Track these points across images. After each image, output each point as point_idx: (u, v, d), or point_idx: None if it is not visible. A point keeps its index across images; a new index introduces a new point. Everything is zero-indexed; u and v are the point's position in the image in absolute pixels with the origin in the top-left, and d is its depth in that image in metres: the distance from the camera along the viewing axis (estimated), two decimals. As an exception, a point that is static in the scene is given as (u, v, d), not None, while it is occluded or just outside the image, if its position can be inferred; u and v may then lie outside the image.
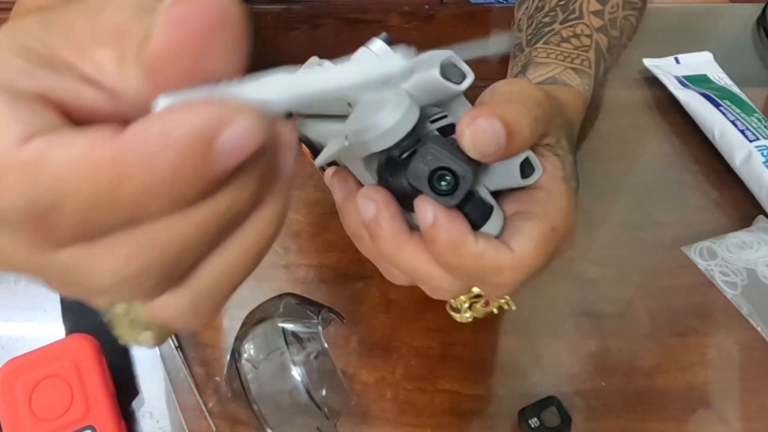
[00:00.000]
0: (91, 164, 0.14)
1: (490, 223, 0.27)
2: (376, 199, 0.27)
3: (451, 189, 0.25)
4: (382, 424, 0.41)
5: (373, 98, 0.25)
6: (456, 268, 0.27)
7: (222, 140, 0.14)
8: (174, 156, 0.14)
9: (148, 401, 0.41)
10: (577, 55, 0.44)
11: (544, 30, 0.47)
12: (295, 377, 0.35)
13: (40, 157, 0.14)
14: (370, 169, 0.29)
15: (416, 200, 0.26)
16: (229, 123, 0.15)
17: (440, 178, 0.25)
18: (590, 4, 0.47)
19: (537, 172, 0.29)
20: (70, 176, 0.14)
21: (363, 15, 0.67)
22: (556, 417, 0.40)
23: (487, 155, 0.25)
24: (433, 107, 0.27)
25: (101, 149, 0.14)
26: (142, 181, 0.14)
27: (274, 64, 0.19)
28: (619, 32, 0.48)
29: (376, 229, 0.27)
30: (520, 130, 0.26)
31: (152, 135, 0.14)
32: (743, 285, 0.47)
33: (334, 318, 0.41)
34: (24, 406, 0.37)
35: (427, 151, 0.24)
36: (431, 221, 0.25)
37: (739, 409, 0.41)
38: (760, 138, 0.52)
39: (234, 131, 0.14)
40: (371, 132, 0.24)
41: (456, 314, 0.37)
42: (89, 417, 0.37)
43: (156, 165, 0.14)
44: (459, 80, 0.24)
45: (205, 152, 0.14)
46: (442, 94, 0.25)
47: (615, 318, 0.45)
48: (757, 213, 0.51)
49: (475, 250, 0.26)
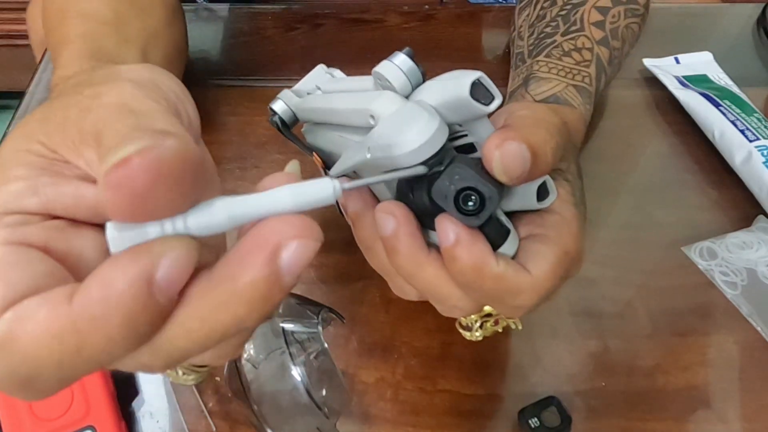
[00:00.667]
0: (55, 334, 0.16)
1: (506, 245, 0.27)
2: (396, 214, 0.27)
3: (477, 209, 0.25)
4: (382, 424, 0.41)
5: (401, 113, 0.25)
6: (475, 288, 0.27)
7: (158, 277, 0.16)
8: (123, 306, 0.16)
9: (148, 401, 0.41)
10: (578, 71, 0.44)
11: (546, 41, 0.46)
12: (295, 377, 0.35)
13: (12, 334, 0.17)
14: (388, 183, 0.28)
15: (438, 218, 0.26)
16: (161, 259, 0.16)
17: (466, 198, 0.24)
18: (591, 14, 0.47)
19: (552, 196, 0.29)
20: (40, 348, 0.16)
21: (363, 15, 0.67)
22: (556, 417, 0.40)
23: (513, 178, 0.25)
24: (455, 125, 0.27)
25: (61, 317, 0.16)
26: (104, 333, 0.16)
27: (275, 64, 0.20)
28: (620, 42, 0.48)
29: (395, 245, 0.27)
30: (544, 154, 0.26)
31: (99, 294, 0.16)
32: (743, 285, 0.47)
33: (334, 318, 0.41)
34: (24, 405, 0.37)
35: (454, 171, 0.24)
36: (453, 241, 0.25)
37: (739, 409, 0.41)
38: (760, 138, 0.52)
39: (166, 265, 0.16)
40: (400, 148, 0.24)
41: (466, 332, 0.37)
42: (89, 417, 0.37)
43: (110, 318, 0.16)
44: (487, 101, 0.24)
45: (148, 292, 0.16)
46: (469, 113, 0.25)
47: (615, 318, 0.45)
48: (757, 213, 0.51)
49: (496, 272, 0.26)
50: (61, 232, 0.19)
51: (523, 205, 0.29)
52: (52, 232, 0.19)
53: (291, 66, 0.61)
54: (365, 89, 0.30)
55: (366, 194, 0.30)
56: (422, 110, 0.24)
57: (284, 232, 0.17)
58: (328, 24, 0.66)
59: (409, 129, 0.24)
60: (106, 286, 0.16)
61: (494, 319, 0.36)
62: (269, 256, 0.17)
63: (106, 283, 0.16)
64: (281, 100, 0.39)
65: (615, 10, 0.48)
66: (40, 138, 0.19)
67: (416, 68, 0.26)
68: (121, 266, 0.16)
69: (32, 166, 0.19)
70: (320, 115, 0.35)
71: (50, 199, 0.19)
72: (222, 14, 0.68)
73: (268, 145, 0.55)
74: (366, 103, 0.27)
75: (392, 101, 0.26)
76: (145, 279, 0.16)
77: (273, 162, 0.54)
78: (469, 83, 0.23)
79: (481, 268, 0.26)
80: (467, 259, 0.25)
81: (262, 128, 0.56)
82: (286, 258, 0.17)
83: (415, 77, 0.26)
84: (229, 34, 0.66)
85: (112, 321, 0.16)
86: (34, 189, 0.19)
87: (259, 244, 0.17)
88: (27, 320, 0.17)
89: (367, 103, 0.26)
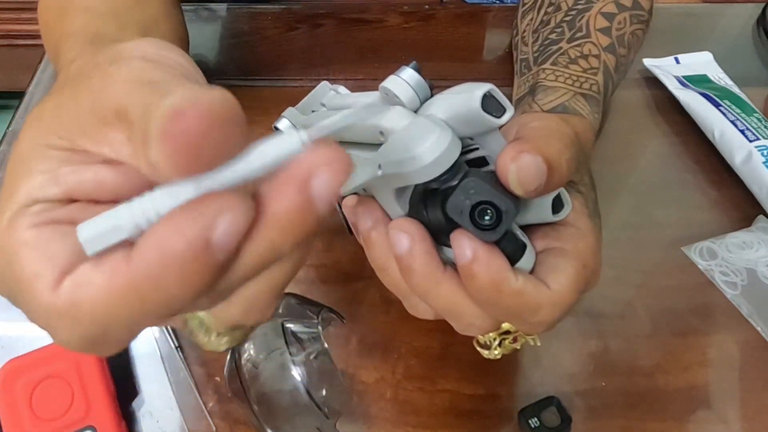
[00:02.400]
0: (116, 295, 0.17)
1: (524, 259, 0.27)
2: (410, 232, 0.26)
3: (494, 224, 0.24)
4: (382, 424, 0.41)
5: (411, 128, 0.24)
6: (494, 305, 0.26)
7: (216, 237, 0.16)
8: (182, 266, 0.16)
9: (148, 401, 0.41)
10: (585, 79, 0.43)
11: (551, 48, 0.46)
12: (295, 377, 0.35)
13: (75, 300, 0.17)
14: (400, 199, 0.28)
15: (453, 234, 0.25)
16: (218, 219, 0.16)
17: (482, 212, 0.24)
18: (597, 20, 0.46)
19: (566, 208, 0.29)
20: (104, 309, 0.17)
21: (363, 15, 0.67)
22: (556, 417, 0.40)
23: (529, 191, 0.24)
24: (465, 138, 0.26)
25: (120, 279, 0.17)
26: (164, 291, 0.17)
27: (275, 64, 0.20)
28: (626, 49, 0.47)
29: (410, 264, 0.26)
30: (559, 166, 0.25)
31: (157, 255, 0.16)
32: (743, 285, 0.47)
33: (334, 318, 0.41)
34: (24, 406, 0.37)
35: (469, 185, 0.24)
36: (470, 257, 0.25)
37: (739, 409, 0.41)
38: (760, 138, 0.52)
39: (223, 225, 0.16)
40: (413, 164, 0.23)
41: (484, 351, 0.36)
42: (90, 417, 0.37)
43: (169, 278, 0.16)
44: (499, 114, 0.23)
45: (205, 251, 0.16)
46: (480, 127, 0.24)
47: (615, 318, 0.45)
48: (757, 213, 0.51)
49: (516, 288, 0.25)
50: (85, 209, 0.19)
51: (538, 218, 0.28)
52: (77, 211, 0.19)
53: (291, 66, 0.61)
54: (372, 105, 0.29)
55: (378, 212, 0.29)
56: (434, 125, 0.24)
57: (315, 160, 0.17)
58: (328, 24, 0.66)
59: (422, 144, 0.23)
60: (163, 248, 0.16)
61: (513, 336, 0.35)
62: (301, 184, 0.17)
63: (162, 245, 0.16)
64: (285, 118, 0.38)
65: (621, 16, 0.47)
66: (57, 130, 0.20)
67: (424, 82, 0.26)
68: (178, 227, 0.16)
69: (52, 159, 0.19)
70: None
71: (71, 187, 0.19)
72: (222, 14, 0.68)
73: (268, 145, 0.55)
74: (375, 118, 0.26)
75: (402, 116, 0.25)
76: (203, 239, 0.16)
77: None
78: (480, 96, 0.23)
79: (500, 284, 0.25)
80: (485, 275, 0.25)
81: (262, 128, 0.56)
82: (317, 186, 0.17)
83: (423, 91, 0.26)
84: (229, 34, 0.66)
85: (171, 280, 0.16)
86: (56, 179, 0.19)
87: (290, 174, 0.17)
88: (87, 285, 0.17)
89: (376, 119, 0.26)
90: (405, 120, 0.25)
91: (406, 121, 0.25)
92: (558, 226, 0.29)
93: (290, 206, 0.17)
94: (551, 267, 0.27)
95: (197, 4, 0.68)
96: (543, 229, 0.29)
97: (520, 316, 0.27)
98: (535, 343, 0.36)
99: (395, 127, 0.25)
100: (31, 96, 0.58)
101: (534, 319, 0.27)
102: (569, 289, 0.27)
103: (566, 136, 0.27)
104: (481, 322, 0.28)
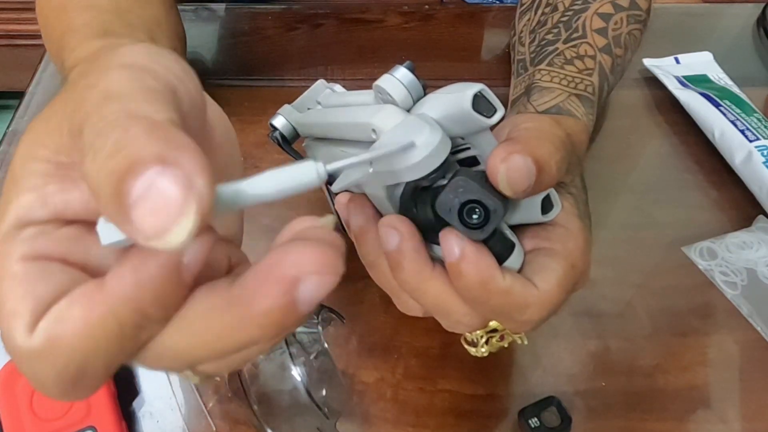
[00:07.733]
0: (95, 323, 0.17)
1: (512, 258, 0.27)
2: (400, 229, 0.26)
3: (482, 223, 0.24)
4: (382, 424, 0.41)
5: (402, 127, 0.25)
6: (481, 303, 0.26)
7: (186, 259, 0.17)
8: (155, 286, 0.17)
9: (149, 401, 0.41)
10: (581, 79, 0.43)
11: (548, 49, 0.46)
12: (295, 377, 0.35)
13: (51, 337, 0.17)
14: (391, 197, 0.28)
15: (442, 232, 0.25)
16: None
17: (471, 211, 0.24)
18: (593, 21, 0.46)
19: (556, 208, 0.29)
20: (84, 340, 0.17)
21: (363, 15, 0.67)
22: (556, 417, 0.40)
23: (518, 192, 0.25)
24: (457, 138, 0.27)
25: (97, 306, 0.17)
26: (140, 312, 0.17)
27: (275, 64, 0.20)
28: (623, 50, 0.47)
29: (399, 261, 0.27)
30: (549, 168, 0.26)
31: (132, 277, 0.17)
32: (743, 285, 0.47)
33: (334, 318, 0.41)
34: (25, 406, 0.37)
35: (458, 183, 0.24)
36: (458, 255, 0.25)
37: (739, 409, 0.41)
38: (760, 138, 0.52)
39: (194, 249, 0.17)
40: (403, 162, 0.24)
41: (471, 348, 0.36)
42: (90, 417, 0.37)
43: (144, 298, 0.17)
44: (490, 114, 0.24)
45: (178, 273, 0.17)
46: (471, 126, 0.24)
47: (615, 318, 0.45)
48: (757, 213, 0.51)
49: (503, 286, 0.26)
50: (78, 241, 0.19)
51: (528, 218, 0.29)
52: (70, 243, 0.19)
53: (291, 66, 0.61)
54: (366, 103, 0.30)
55: (369, 209, 0.30)
56: (424, 123, 0.24)
57: (304, 265, 0.17)
58: (328, 24, 0.66)
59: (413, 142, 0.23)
60: (137, 270, 0.17)
61: (500, 334, 0.36)
62: (287, 287, 0.17)
63: (136, 267, 0.17)
64: (281, 115, 0.38)
65: (617, 16, 0.47)
66: (45, 142, 0.19)
67: (417, 81, 0.26)
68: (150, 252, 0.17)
69: (39, 174, 0.19)
70: (321, 129, 0.34)
71: (59, 208, 0.19)
72: (221, 14, 0.68)
73: (268, 145, 0.55)
74: (368, 117, 0.26)
75: (394, 115, 0.26)
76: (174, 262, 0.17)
77: (273, 162, 0.54)
78: (471, 96, 0.23)
79: (488, 282, 0.25)
80: (473, 273, 0.25)
81: (262, 128, 0.56)
82: (303, 291, 0.17)
83: (416, 91, 0.26)
84: (229, 34, 0.66)
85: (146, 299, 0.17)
86: (43, 199, 0.19)
87: (277, 275, 0.17)
88: (64, 321, 0.17)
89: (368, 117, 0.26)
90: (397, 119, 0.25)
91: (398, 119, 0.25)
92: (548, 226, 0.29)
93: (274, 306, 0.17)
94: (540, 266, 0.28)
95: (197, 4, 0.68)
96: (533, 229, 0.29)
97: (507, 315, 0.27)
98: (523, 342, 0.36)
99: (387, 125, 0.25)
100: (31, 96, 0.58)
101: (521, 317, 0.27)
102: (557, 289, 0.27)
103: (557, 138, 0.28)
104: (469, 319, 0.28)
